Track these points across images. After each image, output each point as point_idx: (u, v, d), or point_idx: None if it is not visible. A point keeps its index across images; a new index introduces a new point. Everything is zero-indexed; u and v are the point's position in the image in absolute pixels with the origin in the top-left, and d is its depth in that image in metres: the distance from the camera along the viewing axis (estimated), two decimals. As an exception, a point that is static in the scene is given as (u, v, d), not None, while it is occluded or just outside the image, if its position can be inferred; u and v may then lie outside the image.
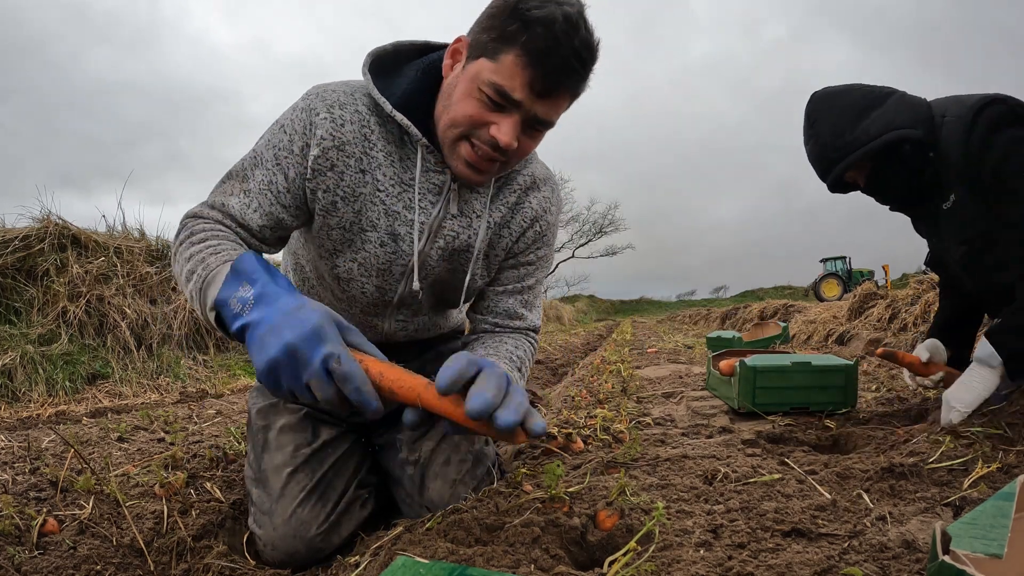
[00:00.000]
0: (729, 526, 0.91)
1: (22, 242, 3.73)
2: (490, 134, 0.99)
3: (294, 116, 1.08)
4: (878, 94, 1.50)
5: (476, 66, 0.98)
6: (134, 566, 1.04)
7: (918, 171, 1.47)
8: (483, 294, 1.28)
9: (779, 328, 5.37)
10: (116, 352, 3.74)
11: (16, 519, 1.06)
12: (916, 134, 1.42)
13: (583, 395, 2.57)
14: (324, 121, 1.05)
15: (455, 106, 1.01)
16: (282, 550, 1.14)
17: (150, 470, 1.44)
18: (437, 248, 1.15)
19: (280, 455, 1.21)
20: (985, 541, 0.49)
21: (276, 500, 1.16)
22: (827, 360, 1.88)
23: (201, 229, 1.02)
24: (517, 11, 0.93)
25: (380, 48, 1.13)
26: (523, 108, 0.98)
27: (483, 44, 0.98)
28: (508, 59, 0.94)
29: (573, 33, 0.93)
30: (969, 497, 0.95)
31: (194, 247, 0.98)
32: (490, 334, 1.27)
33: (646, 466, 1.32)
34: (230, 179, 1.10)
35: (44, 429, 2.12)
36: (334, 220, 1.11)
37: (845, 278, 22.19)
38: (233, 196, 1.08)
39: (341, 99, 1.07)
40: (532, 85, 0.96)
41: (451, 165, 1.07)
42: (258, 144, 1.11)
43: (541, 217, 1.24)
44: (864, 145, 1.44)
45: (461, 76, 1.01)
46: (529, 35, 0.92)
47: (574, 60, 0.95)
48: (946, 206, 1.49)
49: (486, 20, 0.99)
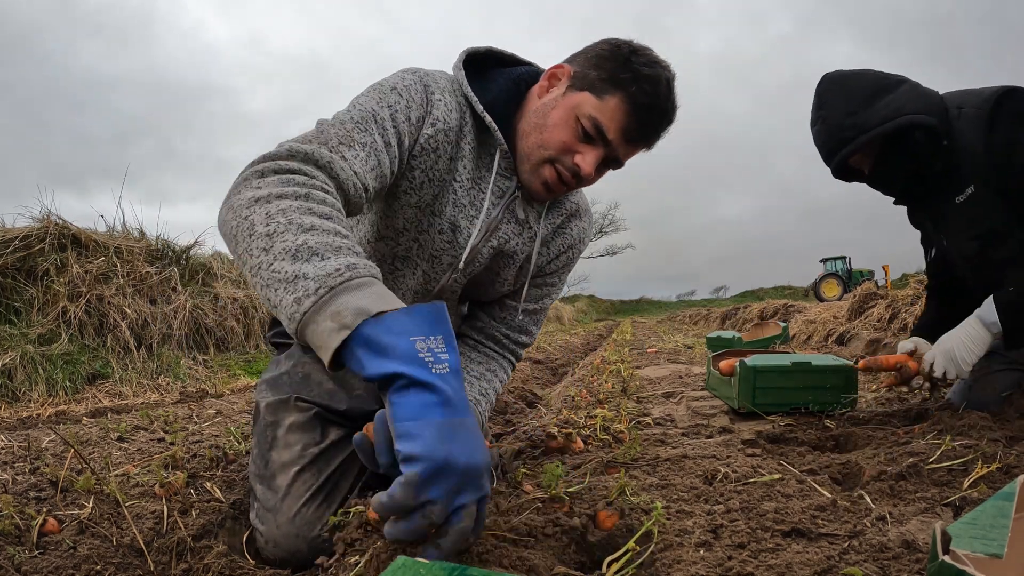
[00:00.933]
0: (729, 526, 0.91)
1: (22, 242, 3.73)
2: (574, 162, 1.08)
3: (407, 84, 1.06)
4: (891, 80, 1.47)
5: (579, 98, 1.07)
6: (134, 566, 1.04)
7: (928, 161, 1.43)
8: (502, 303, 1.35)
9: (779, 328, 5.37)
10: (116, 352, 3.74)
11: (16, 519, 1.06)
12: (930, 121, 1.39)
13: (583, 395, 2.57)
14: (439, 102, 1.08)
15: (550, 130, 1.08)
16: (284, 548, 1.14)
17: (150, 470, 1.44)
18: (489, 247, 1.20)
19: (288, 453, 1.21)
20: (985, 541, 0.49)
21: (281, 498, 1.16)
22: (827, 360, 1.88)
23: (322, 197, 0.83)
24: (630, 63, 1.06)
25: (474, 49, 1.18)
26: (610, 147, 1.09)
27: (590, 80, 1.07)
28: (613, 101, 1.06)
29: (667, 97, 1.08)
30: (969, 497, 0.95)
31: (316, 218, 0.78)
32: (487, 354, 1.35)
33: (646, 466, 1.32)
34: (335, 126, 0.97)
35: (44, 429, 2.12)
36: (415, 199, 1.12)
37: (845, 278, 22.19)
38: (348, 148, 0.95)
39: (448, 86, 1.11)
40: (626, 131, 1.08)
41: (525, 180, 1.14)
42: (363, 102, 1.03)
43: (575, 245, 1.33)
44: (874, 128, 1.40)
45: (560, 101, 1.08)
46: (637, 88, 1.05)
47: (664, 120, 1.11)
48: (959, 199, 1.44)
49: (597, 60, 1.09)
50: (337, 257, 0.74)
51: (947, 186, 1.47)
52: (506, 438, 1.81)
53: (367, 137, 0.98)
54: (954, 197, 1.46)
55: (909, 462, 1.14)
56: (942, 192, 1.49)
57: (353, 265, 0.74)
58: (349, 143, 0.95)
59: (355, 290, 0.71)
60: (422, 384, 0.65)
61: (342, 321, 0.69)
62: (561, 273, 1.36)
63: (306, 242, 0.74)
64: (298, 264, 0.73)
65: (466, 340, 1.37)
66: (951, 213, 1.49)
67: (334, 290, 0.71)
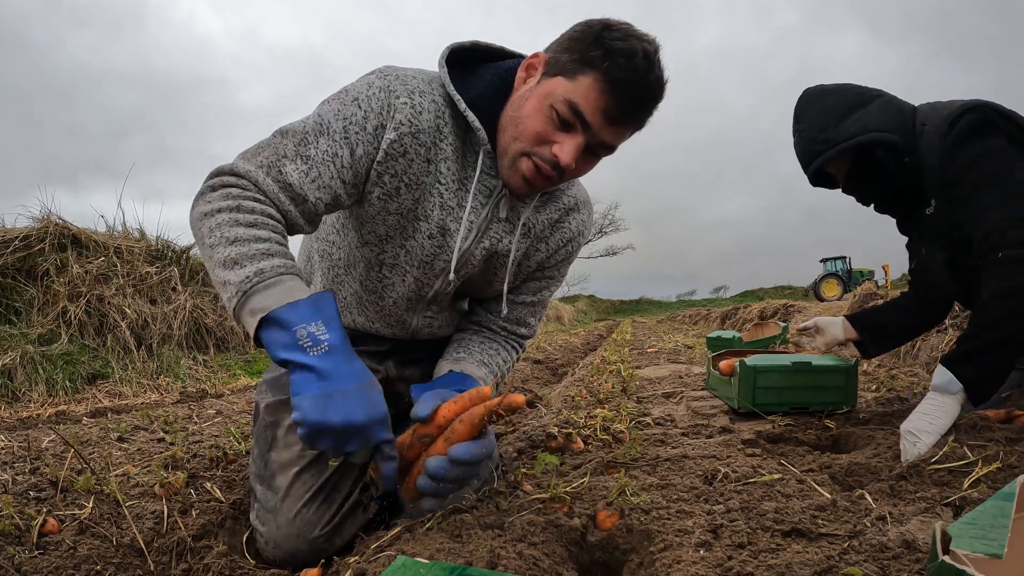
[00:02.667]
0: (729, 526, 0.90)
1: (22, 242, 3.73)
2: (552, 152, 1.02)
3: (371, 93, 1.05)
4: (866, 96, 1.53)
5: (551, 84, 1.01)
6: (134, 566, 1.04)
7: (894, 176, 1.50)
8: (500, 299, 1.32)
9: (779, 328, 5.36)
10: (116, 352, 3.74)
11: (16, 519, 1.06)
12: (891, 138, 1.45)
13: (583, 395, 2.57)
14: (404, 106, 1.04)
15: (523, 120, 1.03)
16: (284, 549, 1.14)
17: (150, 470, 1.44)
18: (481, 248, 1.18)
19: (288, 453, 1.20)
20: (985, 541, 0.49)
21: (281, 499, 1.16)
22: (827, 360, 1.87)
23: (251, 207, 0.96)
24: (601, 39, 0.98)
25: (458, 44, 1.14)
26: (591, 131, 1.01)
27: (562, 64, 1.01)
28: (586, 81, 0.98)
29: (650, 69, 0.99)
30: (969, 497, 0.95)
31: (241, 229, 0.94)
32: (488, 337, 1.33)
33: (646, 466, 1.32)
34: (285, 138, 1.02)
35: (44, 429, 2.12)
36: (393, 205, 1.11)
37: (845, 278, 22.19)
38: (290, 161, 1.00)
39: (420, 86, 1.07)
40: (607, 112, 0.99)
41: (505, 176, 1.09)
42: (323, 111, 1.05)
43: (575, 239, 1.29)
44: (841, 143, 1.47)
45: (534, 91, 1.03)
46: (611, 63, 0.96)
47: (647, 95, 1.01)
48: (928, 211, 1.52)
49: (567, 42, 1.02)
50: (251, 264, 0.91)
51: (917, 199, 1.54)
52: (506, 438, 1.81)
53: (312, 150, 1.01)
54: (924, 210, 1.53)
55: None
56: (914, 205, 1.56)
57: (260, 270, 0.91)
58: (292, 156, 1.01)
59: (263, 291, 0.90)
60: (301, 366, 0.85)
61: (254, 317, 0.89)
62: (561, 266, 1.33)
63: (230, 254, 0.92)
64: (226, 272, 0.92)
65: (466, 328, 1.37)
66: (923, 224, 1.56)
67: (246, 294, 0.90)
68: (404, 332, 1.32)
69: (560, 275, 1.35)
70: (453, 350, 1.30)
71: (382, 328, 1.32)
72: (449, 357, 1.28)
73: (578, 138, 1.01)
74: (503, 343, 1.35)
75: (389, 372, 1.39)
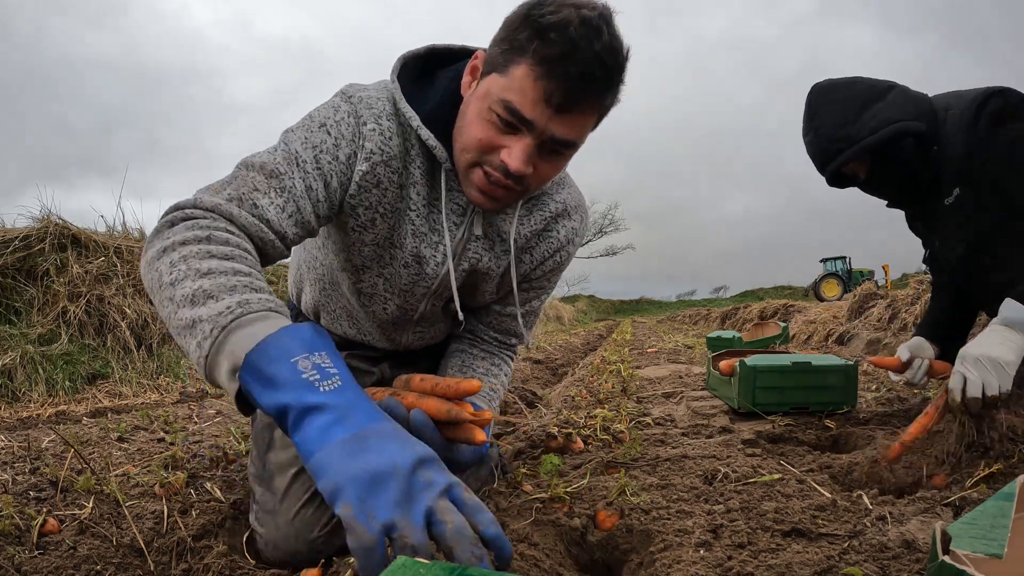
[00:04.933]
0: (729, 526, 0.90)
1: (22, 242, 3.73)
2: (500, 159, 0.90)
3: (339, 118, 0.97)
4: (880, 88, 1.47)
5: (487, 83, 0.90)
6: (134, 566, 1.04)
7: (919, 167, 1.44)
8: (488, 308, 1.29)
9: (779, 328, 5.37)
10: (116, 352, 3.74)
11: (16, 519, 1.06)
12: (919, 127, 1.39)
13: (583, 395, 2.57)
14: (373, 133, 0.97)
15: (466, 129, 0.93)
16: (284, 550, 1.14)
17: (150, 470, 1.44)
18: (461, 271, 1.12)
19: (285, 454, 1.19)
20: (985, 541, 0.49)
21: (280, 500, 1.16)
22: (827, 360, 1.88)
23: (224, 239, 0.81)
24: (529, 18, 0.84)
25: (411, 52, 1.05)
26: (536, 129, 0.88)
27: (495, 59, 0.90)
28: (519, 72, 0.85)
29: (593, 37, 0.82)
30: (969, 497, 0.95)
31: (215, 261, 0.76)
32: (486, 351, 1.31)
33: (646, 466, 1.32)
34: (251, 171, 0.92)
35: (44, 429, 2.12)
36: (369, 236, 1.05)
37: (845, 278, 22.20)
38: (263, 195, 0.90)
39: (387, 108, 0.99)
40: (548, 99, 0.85)
41: (465, 191, 1.00)
42: (290, 139, 0.96)
43: (564, 247, 1.21)
44: (865, 138, 1.41)
45: (474, 95, 0.93)
46: (541, 42, 0.82)
47: (596, 67, 0.84)
48: (948, 201, 1.46)
49: (500, 33, 0.91)
50: (231, 296, 0.71)
51: (937, 189, 1.48)
52: (506, 438, 1.81)
53: (285, 182, 0.91)
54: (943, 200, 1.47)
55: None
56: (933, 195, 1.50)
57: (245, 301, 0.71)
58: (264, 190, 0.90)
59: (248, 325, 0.68)
60: (313, 408, 0.61)
61: (235, 360, 0.65)
62: (550, 276, 1.26)
63: (201, 286, 0.72)
64: (196, 309, 0.71)
65: (460, 339, 1.35)
66: (940, 215, 1.50)
67: (226, 329, 0.68)
68: (396, 345, 1.31)
69: (550, 284, 1.29)
70: (456, 368, 1.27)
71: (374, 340, 1.30)
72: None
73: (525, 139, 0.89)
74: (499, 355, 1.33)
75: (384, 374, 1.38)
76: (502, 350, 1.35)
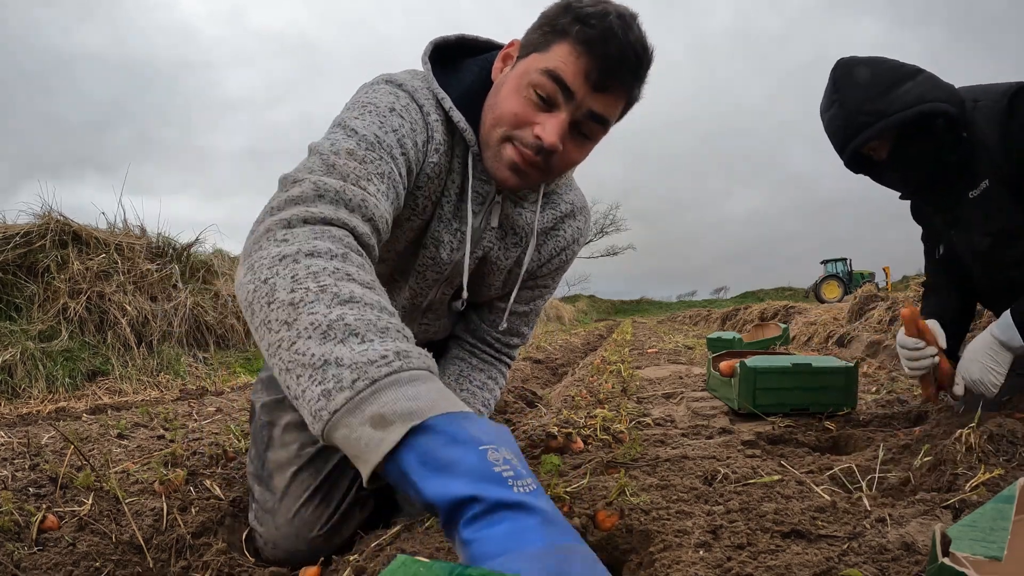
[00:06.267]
0: (729, 527, 0.90)
1: (23, 238, 3.73)
2: (535, 134, 0.93)
3: (405, 104, 0.96)
4: (909, 69, 1.43)
5: (525, 63, 0.95)
6: (133, 563, 1.04)
7: (946, 151, 1.40)
8: (492, 305, 1.31)
9: (779, 329, 5.37)
10: (116, 349, 3.74)
11: (16, 515, 1.06)
12: (952, 110, 1.35)
13: (583, 395, 2.57)
14: (438, 123, 0.99)
15: (501, 103, 0.96)
16: (283, 549, 1.14)
17: (150, 467, 1.44)
18: (474, 258, 1.14)
19: (284, 452, 1.19)
20: (985, 543, 0.49)
21: (280, 499, 1.16)
22: (827, 362, 1.88)
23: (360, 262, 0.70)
24: (570, 8, 0.93)
25: (442, 38, 1.08)
26: (575, 101, 0.92)
27: (534, 41, 0.96)
28: (561, 48, 0.92)
29: (627, 29, 0.91)
30: (969, 499, 0.94)
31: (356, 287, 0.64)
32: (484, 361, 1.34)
33: (646, 466, 1.32)
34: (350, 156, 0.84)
35: (44, 425, 2.12)
36: (417, 223, 1.05)
37: (846, 280, 22.19)
38: (370, 182, 0.83)
39: (430, 97, 1.01)
40: (588, 74, 0.91)
41: (491, 168, 1.01)
42: (364, 126, 0.90)
43: (570, 246, 1.26)
44: (896, 113, 1.35)
45: (510, 75, 0.98)
46: (582, 26, 0.90)
47: (630, 54, 0.92)
48: (973, 194, 1.41)
49: (538, 21, 0.98)
50: (383, 340, 0.59)
51: (961, 180, 1.43)
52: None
53: (383, 167, 0.87)
54: (967, 192, 1.42)
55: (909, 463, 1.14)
56: (955, 186, 1.45)
57: (405, 352, 0.59)
58: (367, 176, 0.83)
59: (406, 385, 0.56)
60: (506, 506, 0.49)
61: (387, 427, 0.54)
62: (555, 275, 1.29)
63: (343, 316, 0.60)
64: (329, 345, 0.58)
65: (461, 343, 1.36)
66: (964, 208, 1.45)
67: (377, 383, 0.56)
68: None
69: (554, 284, 1.32)
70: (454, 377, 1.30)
71: None
72: None
73: (561, 115, 0.93)
74: (499, 363, 1.36)
75: None
76: (501, 357, 1.36)
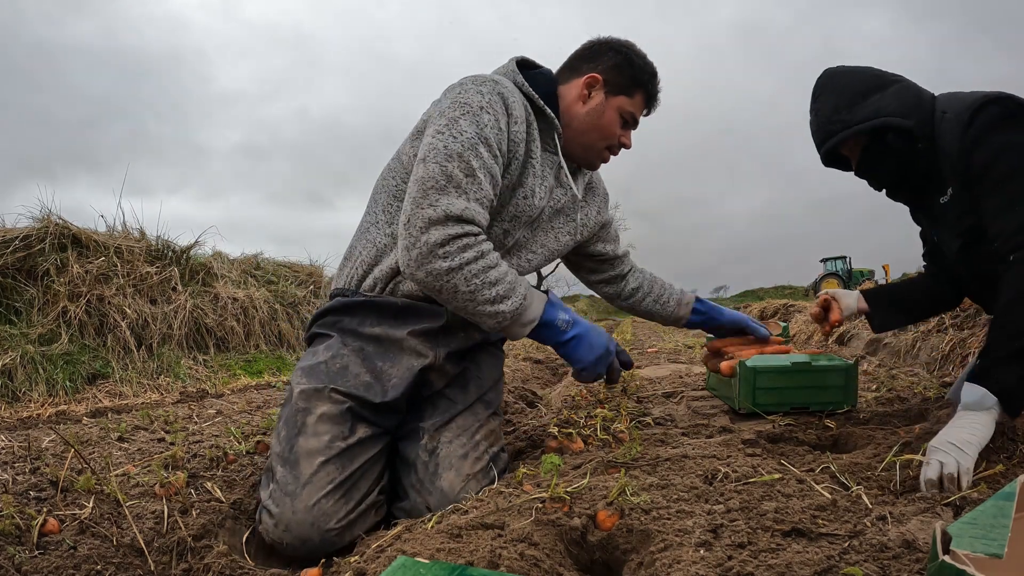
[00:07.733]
0: (729, 526, 0.90)
1: (22, 242, 3.73)
2: (621, 142, 1.56)
3: (491, 100, 1.31)
4: (886, 80, 1.52)
5: (619, 101, 1.50)
6: (134, 566, 1.04)
7: (907, 162, 1.49)
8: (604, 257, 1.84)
9: (779, 328, 5.37)
10: (116, 352, 3.74)
11: (16, 519, 1.06)
12: (903, 123, 1.44)
13: (583, 395, 2.57)
14: (515, 104, 1.36)
15: (607, 128, 1.51)
16: (295, 534, 1.14)
17: (150, 470, 1.44)
18: (549, 207, 1.54)
19: (316, 441, 1.23)
20: (985, 541, 0.49)
21: (303, 485, 1.18)
22: (827, 360, 1.87)
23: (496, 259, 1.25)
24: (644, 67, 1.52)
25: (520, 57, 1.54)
26: (636, 124, 1.58)
27: (621, 85, 1.50)
28: (640, 96, 1.53)
29: None
30: (969, 497, 0.95)
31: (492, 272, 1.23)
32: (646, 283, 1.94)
33: (646, 466, 1.32)
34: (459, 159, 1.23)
35: (44, 429, 2.12)
36: (508, 180, 1.40)
37: (845, 278, 22.20)
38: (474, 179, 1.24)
39: (511, 86, 1.39)
40: (646, 111, 1.59)
41: (580, 156, 1.55)
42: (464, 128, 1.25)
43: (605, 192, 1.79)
44: (855, 125, 1.48)
45: (606, 105, 1.49)
46: (651, 84, 1.54)
47: None
48: (943, 200, 1.51)
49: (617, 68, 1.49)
50: (514, 296, 1.25)
51: (931, 185, 1.53)
52: (506, 438, 1.81)
53: (480, 160, 1.25)
54: (939, 198, 1.52)
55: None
56: (929, 192, 1.55)
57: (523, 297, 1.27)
58: (471, 174, 1.23)
59: (528, 308, 1.28)
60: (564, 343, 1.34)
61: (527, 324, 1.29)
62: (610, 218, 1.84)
63: (497, 293, 1.23)
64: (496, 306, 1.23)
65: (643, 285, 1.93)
66: (938, 212, 1.56)
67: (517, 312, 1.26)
68: None
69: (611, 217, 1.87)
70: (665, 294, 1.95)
71: None
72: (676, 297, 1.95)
73: (631, 130, 1.58)
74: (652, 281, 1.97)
75: (438, 358, 1.42)
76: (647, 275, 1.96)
